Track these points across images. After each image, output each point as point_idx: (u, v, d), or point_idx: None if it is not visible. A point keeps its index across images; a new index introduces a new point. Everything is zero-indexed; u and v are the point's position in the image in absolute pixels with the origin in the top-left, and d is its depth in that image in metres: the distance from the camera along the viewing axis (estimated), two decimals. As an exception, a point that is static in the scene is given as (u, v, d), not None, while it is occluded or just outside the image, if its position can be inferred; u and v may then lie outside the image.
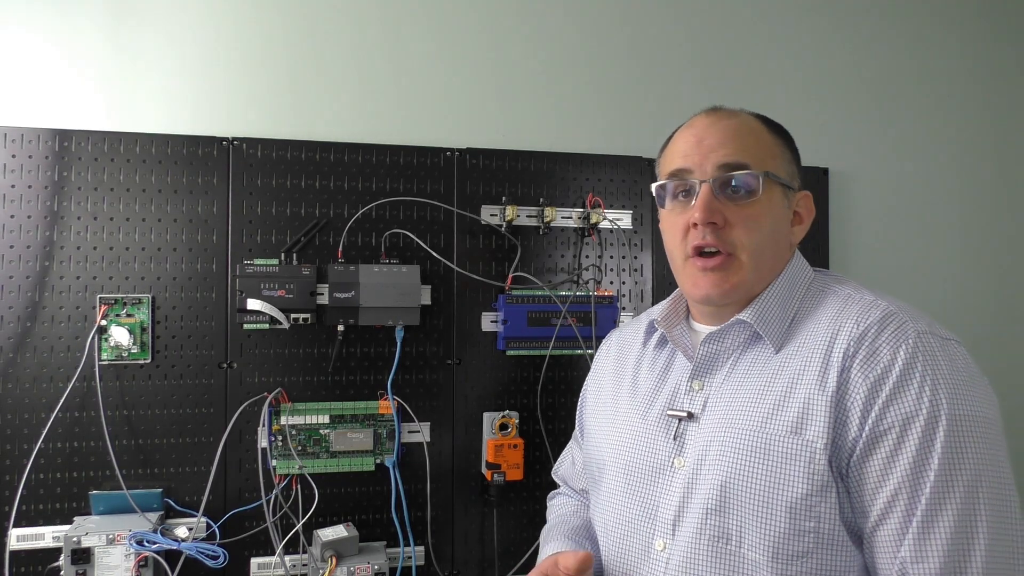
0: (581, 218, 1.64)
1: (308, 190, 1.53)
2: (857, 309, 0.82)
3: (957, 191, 1.93)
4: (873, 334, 0.78)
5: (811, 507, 0.77)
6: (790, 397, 0.80)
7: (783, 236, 0.91)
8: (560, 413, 1.63)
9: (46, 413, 1.38)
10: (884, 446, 0.75)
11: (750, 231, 0.86)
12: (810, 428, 0.78)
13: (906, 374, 0.75)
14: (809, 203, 0.95)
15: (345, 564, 1.41)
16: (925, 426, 0.73)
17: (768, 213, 0.88)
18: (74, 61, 1.49)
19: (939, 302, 1.89)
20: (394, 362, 1.53)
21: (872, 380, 0.76)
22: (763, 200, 0.87)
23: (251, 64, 1.56)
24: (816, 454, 0.77)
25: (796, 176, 0.94)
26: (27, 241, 1.41)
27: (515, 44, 1.69)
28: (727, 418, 0.84)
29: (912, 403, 0.74)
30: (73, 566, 1.31)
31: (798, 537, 0.77)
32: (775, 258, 0.90)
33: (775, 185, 0.89)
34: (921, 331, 0.78)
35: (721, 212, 0.86)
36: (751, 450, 0.80)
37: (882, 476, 0.75)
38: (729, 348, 0.89)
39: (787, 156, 0.93)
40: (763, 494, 0.79)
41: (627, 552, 0.91)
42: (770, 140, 0.91)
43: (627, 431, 0.96)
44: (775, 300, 0.88)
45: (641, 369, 1.00)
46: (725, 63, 1.79)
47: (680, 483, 0.86)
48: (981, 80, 1.96)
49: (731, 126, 0.89)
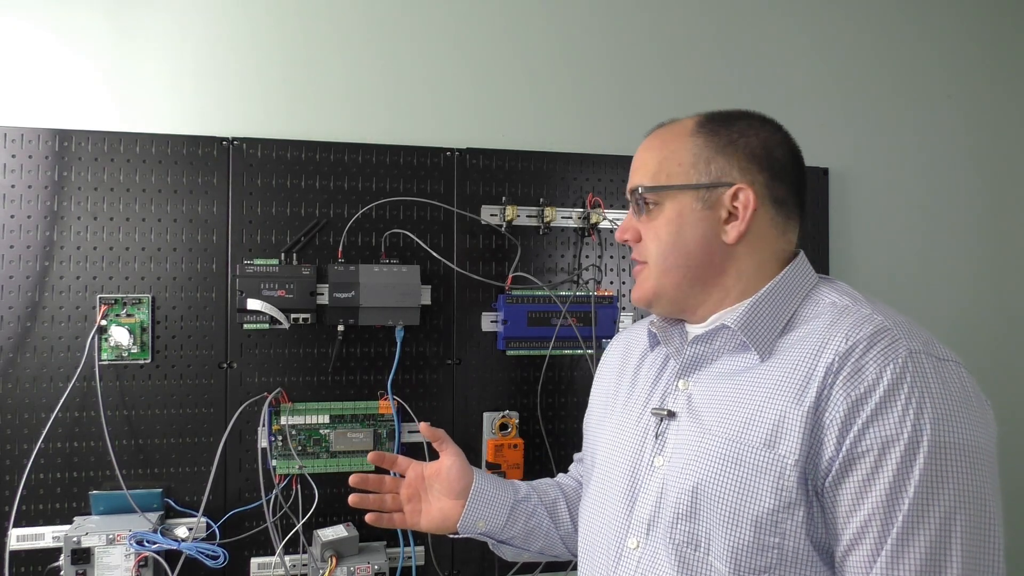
0: (581, 218, 1.64)
1: (308, 190, 1.53)
2: (849, 323, 0.78)
3: (957, 191, 1.93)
4: (861, 350, 0.75)
5: (776, 523, 0.75)
6: (766, 408, 0.79)
7: (702, 238, 0.88)
8: (560, 413, 1.63)
9: (46, 413, 1.38)
10: (860, 469, 0.72)
11: (651, 241, 0.91)
12: (783, 443, 0.76)
13: (890, 395, 0.72)
14: (746, 196, 0.87)
15: (345, 564, 1.41)
16: (905, 451, 0.70)
17: (670, 223, 0.89)
18: (74, 61, 1.49)
19: (939, 302, 1.89)
20: (394, 362, 1.53)
21: (854, 399, 0.73)
22: (664, 210, 0.89)
23: (251, 64, 1.56)
24: (786, 470, 0.75)
25: (727, 170, 0.88)
26: (27, 241, 1.41)
27: (515, 44, 1.69)
28: (705, 423, 0.84)
29: (894, 426, 0.71)
30: (73, 566, 1.31)
31: (761, 552, 0.75)
32: (694, 263, 0.88)
33: (677, 192, 0.88)
34: (914, 350, 0.75)
35: (635, 228, 0.93)
36: (723, 458, 0.79)
37: (856, 500, 0.72)
38: (717, 350, 0.89)
39: (705, 155, 0.88)
40: (731, 504, 0.78)
41: (603, 548, 0.92)
42: (684, 145, 0.89)
43: (618, 428, 0.98)
44: (766, 306, 0.86)
45: (642, 368, 1.01)
46: (725, 63, 1.79)
47: (657, 482, 0.86)
48: (982, 80, 1.96)
49: (647, 145, 0.95)
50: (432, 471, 1.10)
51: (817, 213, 1.80)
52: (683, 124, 0.93)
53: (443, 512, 1.08)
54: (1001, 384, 1.90)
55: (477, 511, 1.07)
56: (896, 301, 0.99)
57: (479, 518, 1.07)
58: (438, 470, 1.10)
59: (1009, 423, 1.95)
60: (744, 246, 0.88)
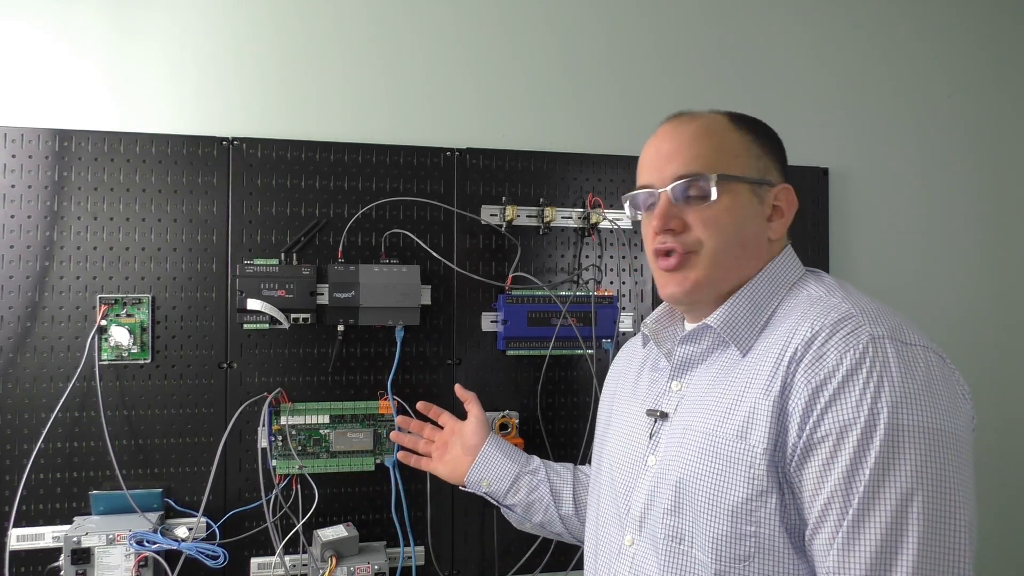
0: (581, 218, 1.64)
1: (308, 190, 1.53)
2: (817, 311, 0.80)
3: (957, 191, 1.93)
4: (823, 338, 0.77)
5: (751, 512, 0.77)
6: (741, 401, 0.81)
7: (753, 234, 0.90)
8: (560, 413, 1.63)
9: (46, 413, 1.38)
10: (820, 453, 0.74)
11: (709, 231, 0.88)
12: (753, 433, 0.78)
13: (849, 380, 0.73)
14: (789, 196, 0.92)
15: (345, 564, 1.41)
16: (861, 434, 0.72)
17: (729, 213, 0.88)
18: (74, 61, 1.48)
19: (939, 302, 1.89)
20: (394, 362, 1.53)
21: (814, 385, 0.75)
22: (723, 201, 0.87)
23: (251, 64, 1.56)
24: (756, 459, 0.77)
25: (773, 170, 0.92)
26: (27, 241, 1.41)
27: (515, 44, 1.69)
28: (689, 420, 0.86)
29: (851, 410, 0.73)
30: (73, 566, 1.31)
31: (739, 541, 0.77)
32: (745, 256, 0.89)
33: (736, 184, 0.88)
34: (877, 335, 0.75)
35: (679, 217, 0.88)
36: (703, 452, 0.82)
37: (818, 484, 0.74)
38: (706, 350, 0.90)
39: (756, 151, 0.91)
40: (710, 496, 0.80)
41: (604, 545, 0.96)
42: (733, 138, 0.91)
43: (619, 431, 1.01)
44: (745, 302, 0.87)
45: (644, 370, 1.03)
46: (725, 63, 1.79)
47: (649, 481, 0.89)
48: (982, 80, 1.96)
49: (688, 132, 0.91)
50: (458, 426, 1.32)
51: (817, 213, 1.80)
52: (716, 118, 0.93)
53: (455, 463, 1.27)
54: (1001, 384, 1.89)
55: (482, 470, 1.23)
56: (896, 301, 1.00)
57: (482, 477, 1.22)
58: (462, 426, 1.31)
59: (1009, 423, 1.96)
60: (776, 244, 0.92)
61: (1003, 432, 1.87)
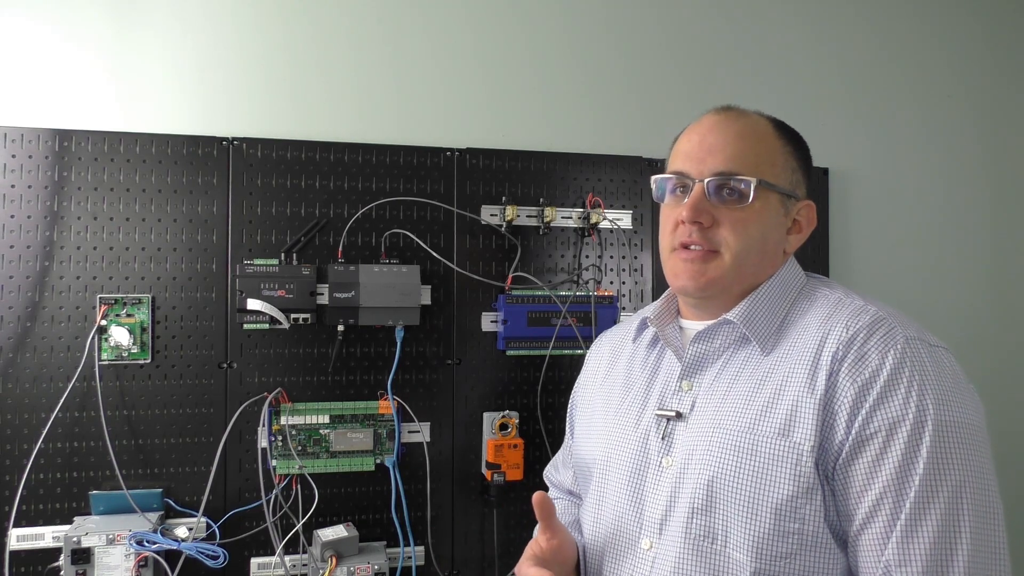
0: (581, 218, 1.64)
1: (308, 190, 1.53)
2: (847, 313, 0.83)
3: (957, 191, 1.93)
4: (862, 338, 0.79)
5: (796, 509, 0.77)
6: (779, 399, 0.81)
7: (774, 243, 0.91)
8: (560, 413, 1.62)
9: (46, 413, 1.38)
10: (870, 450, 0.76)
11: (736, 233, 0.88)
12: (798, 430, 0.79)
13: (893, 379, 0.76)
14: (811, 213, 0.95)
15: (345, 564, 1.41)
16: (911, 431, 0.74)
17: (758, 219, 0.88)
18: (75, 61, 1.49)
19: (939, 302, 1.89)
20: (394, 362, 1.53)
21: (860, 384, 0.77)
22: (755, 206, 0.88)
23: (251, 64, 1.56)
24: (803, 456, 0.77)
25: (801, 184, 0.94)
26: (27, 241, 1.41)
27: (515, 44, 1.69)
28: (716, 419, 0.85)
29: (899, 408, 0.75)
30: (73, 566, 1.31)
31: (782, 538, 0.77)
32: (761, 263, 0.90)
33: (770, 192, 0.89)
34: (910, 337, 0.79)
35: (710, 212, 0.88)
36: (739, 450, 0.81)
37: (868, 480, 0.76)
38: (719, 348, 0.90)
39: (792, 164, 0.92)
40: (749, 494, 0.79)
41: (614, 551, 0.91)
42: (775, 146, 0.92)
43: (617, 430, 0.96)
44: (764, 302, 0.89)
45: (633, 368, 1.00)
46: (725, 63, 1.79)
47: (668, 482, 0.86)
48: (982, 80, 1.96)
49: (735, 129, 0.90)
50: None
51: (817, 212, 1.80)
52: (762, 121, 0.93)
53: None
54: (1001, 384, 1.89)
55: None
56: (896, 301, 0.99)
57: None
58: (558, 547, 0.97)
59: (1009, 423, 1.96)
60: (787, 258, 0.94)
61: (1001, 433, 1.87)
